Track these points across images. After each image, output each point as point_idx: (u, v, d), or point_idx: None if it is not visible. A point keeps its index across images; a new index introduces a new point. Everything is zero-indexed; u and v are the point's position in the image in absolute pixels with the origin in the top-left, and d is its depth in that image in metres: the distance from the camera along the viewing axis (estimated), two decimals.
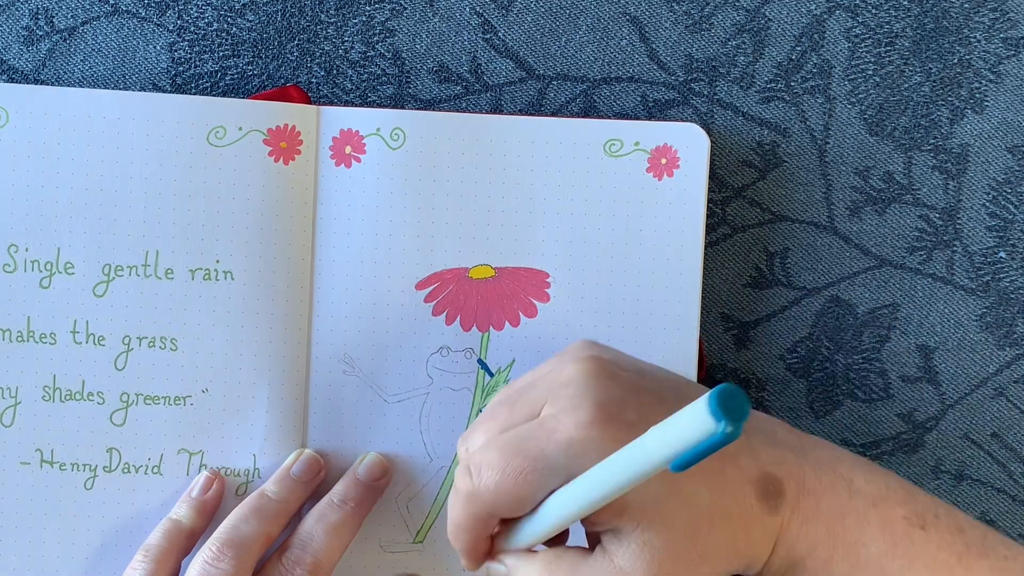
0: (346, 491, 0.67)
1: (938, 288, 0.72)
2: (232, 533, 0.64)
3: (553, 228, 0.68)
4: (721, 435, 0.44)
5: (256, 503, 0.65)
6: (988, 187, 0.71)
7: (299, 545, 0.64)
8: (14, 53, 0.70)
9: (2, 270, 0.66)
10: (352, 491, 0.67)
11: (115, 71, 0.70)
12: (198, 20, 0.70)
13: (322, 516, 0.65)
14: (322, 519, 0.65)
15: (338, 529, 0.65)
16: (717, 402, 0.44)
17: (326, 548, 0.64)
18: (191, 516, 0.66)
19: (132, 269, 0.67)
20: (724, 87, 0.71)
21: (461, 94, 0.71)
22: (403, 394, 0.69)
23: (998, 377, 0.72)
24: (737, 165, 0.71)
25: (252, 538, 0.64)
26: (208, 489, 0.67)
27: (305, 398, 0.68)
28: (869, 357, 0.72)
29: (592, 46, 0.71)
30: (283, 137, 0.67)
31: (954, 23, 0.71)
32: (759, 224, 0.71)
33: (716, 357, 0.72)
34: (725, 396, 0.44)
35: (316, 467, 0.67)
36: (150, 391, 0.67)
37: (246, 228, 0.67)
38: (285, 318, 0.67)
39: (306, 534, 0.65)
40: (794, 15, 0.71)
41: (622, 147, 0.68)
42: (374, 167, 0.68)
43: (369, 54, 0.71)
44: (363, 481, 0.67)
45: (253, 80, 0.70)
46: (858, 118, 0.71)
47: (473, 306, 0.68)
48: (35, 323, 0.67)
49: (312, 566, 0.64)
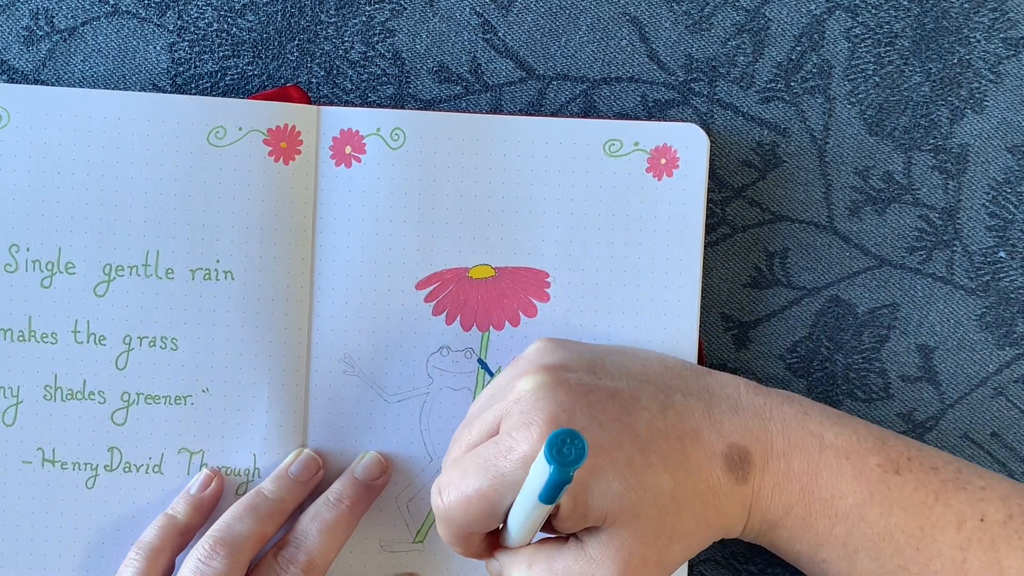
0: (343, 490, 0.67)
1: (938, 288, 0.72)
2: (226, 532, 0.64)
3: (553, 228, 0.68)
4: (552, 478, 0.49)
5: (252, 502, 0.66)
6: (988, 187, 0.71)
7: (294, 543, 0.65)
8: (14, 53, 0.70)
9: (3, 270, 0.67)
10: (349, 490, 0.67)
11: (115, 71, 0.70)
12: (198, 20, 0.70)
13: (317, 515, 0.66)
14: (317, 517, 0.65)
15: (333, 528, 0.65)
16: (548, 449, 0.47)
17: (321, 547, 0.64)
18: (187, 512, 0.66)
19: (133, 269, 0.67)
20: (724, 87, 0.71)
21: (461, 94, 0.71)
22: (403, 394, 0.69)
23: (998, 377, 0.72)
24: (737, 165, 0.71)
25: (245, 536, 0.64)
26: (207, 487, 0.67)
27: (305, 398, 0.68)
28: (869, 357, 0.72)
29: (592, 46, 0.71)
30: (283, 137, 0.67)
31: (954, 23, 0.71)
32: (759, 224, 0.72)
33: (716, 357, 0.72)
34: (558, 442, 0.47)
35: (314, 467, 0.67)
36: (151, 390, 0.67)
37: (246, 228, 0.67)
38: (285, 318, 0.67)
39: (301, 532, 0.65)
40: (794, 15, 0.71)
41: (622, 147, 0.68)
42: (374, 167, 0.68)
43: (369, 54, 0.71)
44: (360, 480, 0.67)
45: (253, 80, 0.71)
46: (858, 118, 0.71)
47: (473, 306, 0.68)
48: (36, 323, 0.67)
49: (306, 564, 0.64)
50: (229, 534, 0.64)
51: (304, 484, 0.67)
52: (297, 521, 0.66)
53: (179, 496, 0.67)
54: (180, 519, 0.66)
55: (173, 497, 0.67)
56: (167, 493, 0.67)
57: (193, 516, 0.66)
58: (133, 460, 0.68)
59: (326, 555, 0.65)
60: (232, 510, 0.65)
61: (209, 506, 0.67)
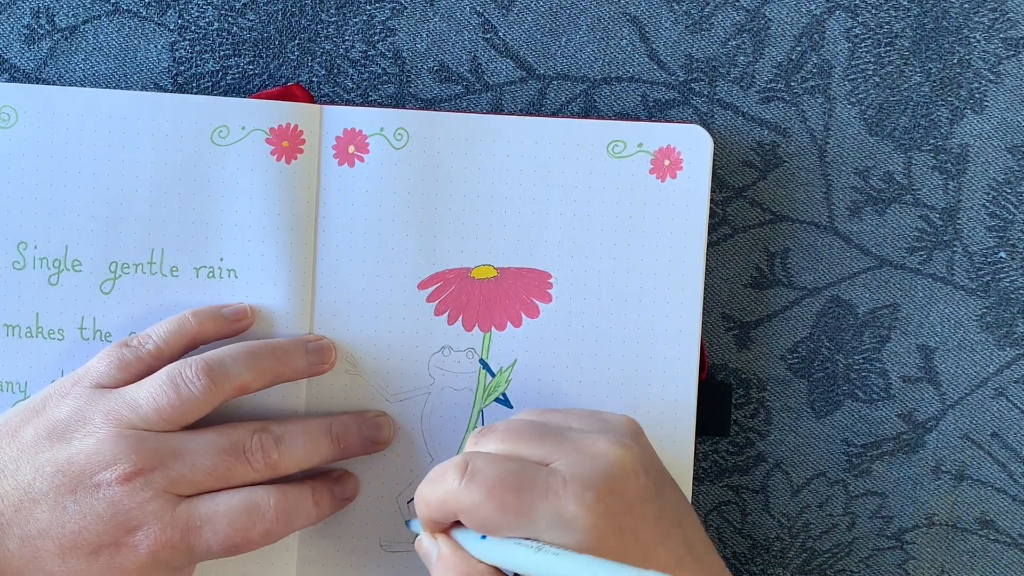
0: (345, 431, 0.66)
1: (938, 288, 0.72)
2: (217, 364, 0.63)
3: (556, 229, 0.68)
4: None
5: (254, 349, 0.65)
6: (988, 187, 0.72)
7: (275, 437, 0.64)
8: (15, 52, 0.69)
9: (12, 267, 0.67)
10: (351, 437, 0.66)
11: (116, 70, 0.70)
12: (199, 19, 0.70)
13: (308, 431, 0.65)
14: (307, 433, 0.65)
15: (316, 451, 0.65)
16: None
17: (295, 458, 0.64)
18: (207, 327, 0.66)
19: (138, 267, 0.67)
20: (724, 87, 0.71)
21: (462, 93, 0.71)
22: (404, 393, 0.68)
23: (998, 377, 0.72)
24: (737, 165, 0.71)
25: (231, 377, 0.63)
26: (239, 319, 0.67)
27: (306, 396, 0.68)
28: (870, 357, 0.72)
29: (592, 46, 0.71)
30: (285, 136, 0.67)
31: (954, 23, 0.71)
32: (760, 224, 0.72)
33: (717, 357, 0.72)
34: None
35: (329, 354, 0.67)
36: None
37: (249, 227, 0.67)
38: (287, 316, 0.67)
39: (287, 433, 0.64)
40: (794, 15, 0.71)
41: (625, 148, 0.68)
42: (377, 167, 0.68)
43: (370, 53, 0.70)
44: (366, 435, 0.67)
45: (254, 79, 0.70)
46: (858, 118, 0.71)
47: (475, 306, 0.68)
48: (43, 319, 0.67)
49: (274, 463, 0.63)
50: (220, 368, 0.63)
51: (309, 365, 0.67)
52: (289, 421, 0.65)
53: (209, 308, 0.67)
54: (194, 328, 0.65)
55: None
56: None
57: (210, 334, 0.66)
58: None
59: (297, 465, 0.64)
60: (232, 347, 0.65)
61: (229, 335, 0.66)
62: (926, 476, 0.73)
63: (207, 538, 0.61)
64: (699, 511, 0.73)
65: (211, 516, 0.61)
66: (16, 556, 0.60)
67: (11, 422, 0.62)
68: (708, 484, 0.73)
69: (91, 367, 0.63)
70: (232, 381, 0.63)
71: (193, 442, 0.62)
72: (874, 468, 0.73)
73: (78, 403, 0.62)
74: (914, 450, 0.72)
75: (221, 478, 0.62)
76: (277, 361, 0.65)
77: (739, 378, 0.72)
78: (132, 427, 0.61)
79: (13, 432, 0.62)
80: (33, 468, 0.60)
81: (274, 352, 0.65)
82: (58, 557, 0.60)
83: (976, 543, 0.73)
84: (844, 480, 0.73)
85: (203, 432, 0.63)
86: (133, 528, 0.60)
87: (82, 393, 0.62)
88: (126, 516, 0.60)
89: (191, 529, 0.61)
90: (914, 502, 0.73)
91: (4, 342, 0.67)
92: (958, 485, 0.73)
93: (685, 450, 0.68)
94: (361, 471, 0.68)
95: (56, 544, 0.60)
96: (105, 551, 0.60)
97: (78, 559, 0.60)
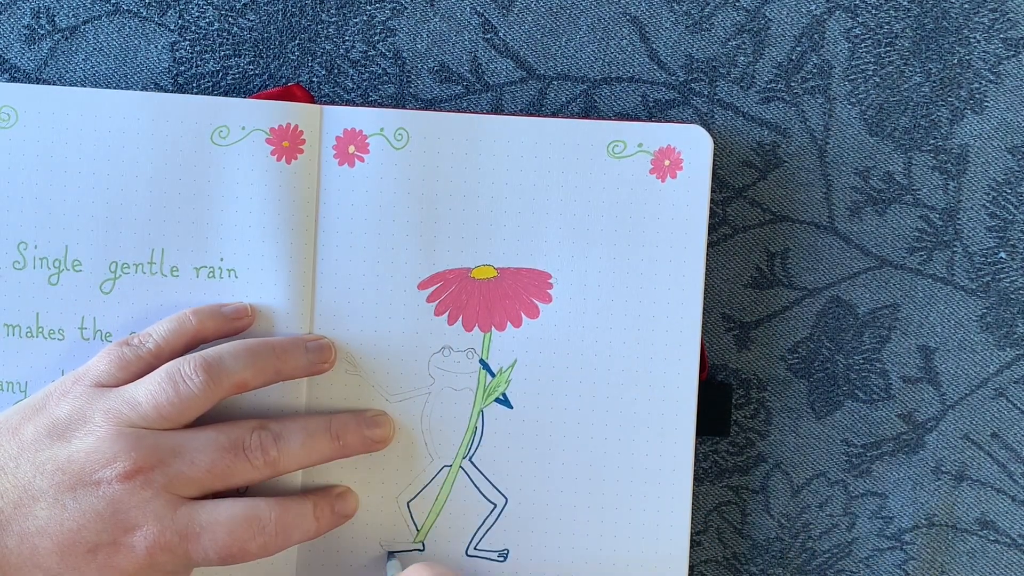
0: (345, 429, 0.66)
1: (938, 288, 0.72)
2: (216, 361, 0.63)
3: (556, 229, 0.68)
4: None
5: (254, 347, 0.65)
6: (988, 187, 0.72)
7: (274, 434, 0.64)
8: (16, 52, 0.69)
9: (12, 267, 0.67)
10: (351, 436, 0.66)
11: (116, 70, 0.70)
12: (199, 20, 0.70)
13: (307, 428, 0.65)
14: (306, 430, 0.65)
15: (315, 450, 0.65)
16: None
17: (294, 457, 0.64)
18: (207, 326, 0.66)
19: (138, 267, 0.67)
20: (724, 87, 0.71)
21: (462, 94, 0.71)
22: (404, 393, 0.68)
23: (998, 377, 0.72)
24: (737, 165, 0.71)
25: (229, 374, 0.63)
26: (239, 318, 0.67)
27: (307, 396, 0.68)
28: (870, 358, 0.72)
29: (592, 46, 0.71)
30: (285, 136, 0.67)
31: (954, 23, 0.71)
32: (760, 224, 0.72)
33: (717, 358, 0.72)
34: None
35: (329, 354, 0.67)
36: None
37: (249, 227, 0.67)
38: (287, 316, 0.67)
39: (286, 431, 0.64)
40: (794, 15, 0.71)
41: (625, 148, 0.68)
42: (378, 167, 0.68)
43: (370, 53, 0.71)
44: (367, 436, 0.67)
45: (254, 80, 0.70)
46: (858, 118, 0.71)
47: (475, 306, 0.68)
48: (44, 319, 0.67)
49: (273, 460, 0.63)
50: (218, 365, 0.63)
51: (308, 363, 0.66)
52: (288, 419, 0.66)
53: (209, 307, 0.67)
54: (194, 326, 0.65)
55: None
56: None
57: (210, 333, 0.66)
58: None
59: (296, 463, 0.64)
60: (231, 345, 0.65)
61: (229, 333, 0.66)
62: (926, 476, 0.73)
63: (205, 545, 0.61)
64: (699, 511, 0.73)
65: (211, 524, 0.62)
66: (14, 553, 0.60)
67: (12, 420, 0.62)
68: (708, 484, 0.73)
69: (92, 366, 0.64)
70: (230, 378, 0.63)
71: (192, 440, 0.62)
72: (874, 468, 0.73)
73: (78, 402, 0.62)
74: (914, 450, 0.73)
75: (221, 476, 0.62)
76: (276, 359, 0.65)
77: (739, 378, 0.72)
78: (132, 425, 0.61)
79: (14, 430, 0.62)
80: (33, 466, 0.61)
81: (273, 350, 0.65)
82: (56, 555, 0.60)
83: (976, 544, 0.73)
84: (844, 480, 0.73)
85: (202, 430, 0.63)
86: (132, 528, 0.60)
87: (82, 392, 0.62)
88: (125, 515, 0.60)
89: (190, 535, 0.61)
90: (914, 502, 0.73)
91: (4, 342, 0.67)
92: (958, 485, 0.73)
93: (685, 450, 0.68)
94: (361, 471, 0.68)
95: (54, 542, 0.60)
96: (103, 550, 0.60)
97: (76, 557, 0.60)
